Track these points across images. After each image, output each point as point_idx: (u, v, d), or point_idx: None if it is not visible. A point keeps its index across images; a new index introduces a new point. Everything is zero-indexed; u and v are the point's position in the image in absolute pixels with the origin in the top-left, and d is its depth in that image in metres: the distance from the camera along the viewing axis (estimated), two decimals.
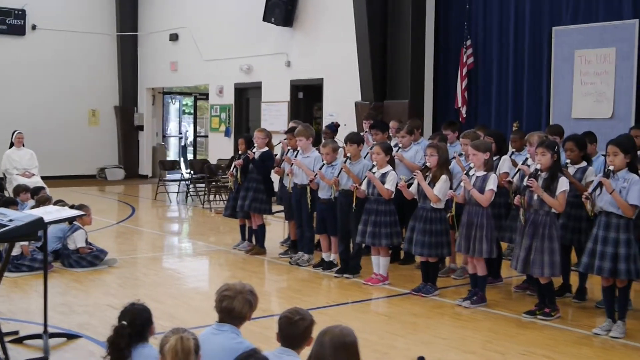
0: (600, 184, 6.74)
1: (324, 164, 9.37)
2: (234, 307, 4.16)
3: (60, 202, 10.05)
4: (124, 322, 4.14)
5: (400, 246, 9.38)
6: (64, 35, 21.75)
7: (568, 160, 7.87)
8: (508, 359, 6.16)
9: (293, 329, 3.96)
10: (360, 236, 8.77)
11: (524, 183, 7.36)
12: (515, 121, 12.67)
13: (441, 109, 14.98)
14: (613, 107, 12.04)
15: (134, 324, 4.15)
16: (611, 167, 6.74)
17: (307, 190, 9.66)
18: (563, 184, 7.15)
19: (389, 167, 8.72)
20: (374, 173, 8.65)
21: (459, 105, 14.42)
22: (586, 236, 7.34)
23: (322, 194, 9.45)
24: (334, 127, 11.51)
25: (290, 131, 10.51)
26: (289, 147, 10.50)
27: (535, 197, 7.19)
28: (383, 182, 8.60)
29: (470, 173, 7.90)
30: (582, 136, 8.27)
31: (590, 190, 6.84)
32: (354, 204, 8.84)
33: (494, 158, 8.34)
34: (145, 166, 23.15)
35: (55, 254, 9.85)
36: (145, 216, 15.67)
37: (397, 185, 8.52)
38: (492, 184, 7.72)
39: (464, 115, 14.36)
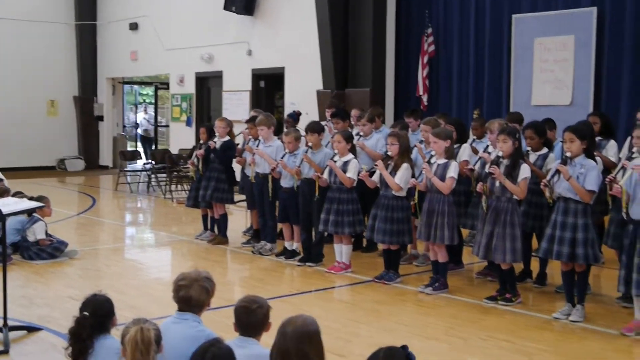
0: (557, 171, 6.82)
1: (285, 153, 9.37)
2: (191, 295, 4.16)
3: (19, 194, 9.91)
4: (86, 313, 4.12)
5: (363, 234, 9.42)
6: (22, 25, 21.40)
7: (529, 148, 7.94)
8: (470, 344, 6.21)
9: (251, 317, 3.99)
10: (323, 224, 8.79)
11: (486, 170, 7.43)
12: (476, 108, 12.84)
13: (403, 97, 15.01)
14: (572, 94, 12.16)
15: (96, 314, 4.13)
16: (568, 154, 6.81)
17: (269, 179, 9.66)
18: (524, 171, 7.22)
19: (350, 156, 8.74)
20: (335, 162, 8.68)
21: (421, 93, 14.48)
22: (547, 223, 7.42)
23: (284, 183, 9.45)
24: (295, 116, 11.50)
25: (251, 120, 10.48)
26: (251, 137, 10.47)
27: (497, 184, 7.26)
28: (345, 171, 8.63)
29: (432, 161, 7.95)
30: (542, 123, 8.35)
31: (548, 177, 6.92)
32: (316, 193, 8.87)
33: (455, 146, 8.36)
34: (106, 157, 22.91)
35: (14, 247, 9.71)
36: (106, 207, 15.56)
37: (359, 173, 8.54)
38: (452, 172, 7.76)
39: (425, 103, 14.42)
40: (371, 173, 8.50)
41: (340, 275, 8.80)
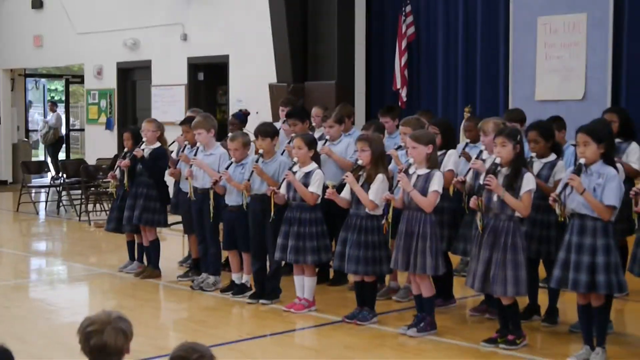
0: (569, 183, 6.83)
1: (231, 163, 9.35)
2: (105, 342, 4.07)
3: None
4: None
5: (330, 263, 9.41)
6: None
7: (533, 154, 7.98)
8: None
9: None
10: (280, 252, 8.78)
11: (480, 182, 7.43)
12: (467, 105, 12.92)
13: (376, 92, 15.13)
14: (585, 86, 12.27)
15: None
16: (582, 160, 6.84)
17: (210, 196, 9.62)
18: (529, 182, 7.24)
19: (313, 165, 8.74)
20: (294, 173, 8.66)
21: (398, 86, 14.58)
22: (556, 246, 7.46)
23: (230, 200, 9.43)
24: (242, 116, 11.53)
25: (187, 122, 10.47)
26: (187, 143, 10.45)
27: (495, 198, 7.27)
28: (306, 184, 8.61)
29: (410, 171, 7.95)
30: (549, 122, 8.43)
31: (558, 190, 6.93)
32: (272, 213, 8.83)
33: (439, 153, 8.39)
34: (4, 169, 22.71)
35: None
36: (5, 233, 15.46)
37: (324, 189, 8.54)
38: (436, 184, 7.76)
39: (405, 99, 14.51)
40: (340, 187, 8.47)
41: (302, 315, 8.79)
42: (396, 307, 9.11)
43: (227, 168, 9.33)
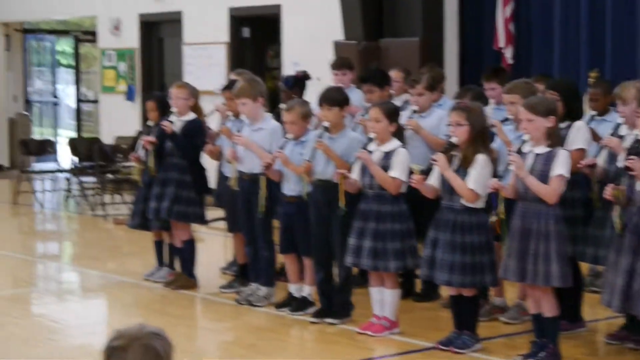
0: None
1: (287, 140, 9.31)
2: None
3: None
4: None
5: (416, 272, 9.33)
6: None
7: None
8: None
9: None
10: (352, 256, 8.73)
11: (619, 164, 7.52)
12: (593, 69, 12.65)
13: (472, 51, 15.11)
14: None
15: None
16: None
17: (260, 182, 9.61)
18: None
19: (395, 143, 8.68)
20: (370, 152, 8.60)
21: (501, 44, 14.48)
22: None
23: (288, 189, 9.44)
24: (291, 81, 11.46)
25: (229, 87, 10.49)
26: (230, 114, 10.47)
27: (639, 186, 7.23)
28: (386, 168, 8.55)
29: (524, 150, 7.89)
30: None
31: None
32: (340, 204, 8.75)
33: (562, 125, 8.31)
34: None
35: None
36: (0, 230, 15.59)
37: (410, 175, 8.48)
38: (561, 167, 7.67)
39: (510, 61, 14.40)
40: (428, 172, 8.46)
41: (382, 339, 8.74)
42: (505, 331, 9.02)
43: (282, 147, 9.28)
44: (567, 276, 7.73)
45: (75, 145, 18.11)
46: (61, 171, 18.25)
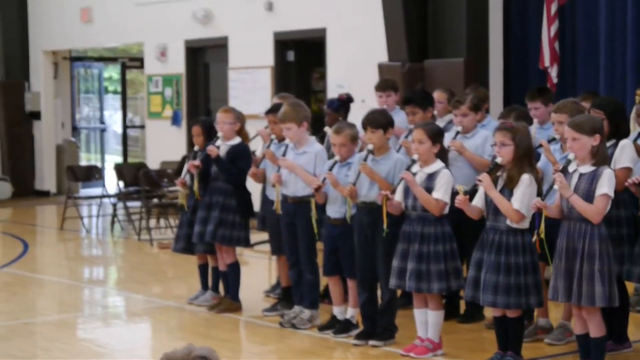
0: None
1: (335, 162, 9.34)
2: None
3: None
4: None
5: (460, 293, 9.30)
6: None
7: None
8: None
9: None
10: (396, 278, 8.74)
11: None
12: (639, 87, 12.62)
13: (517, 71, 15.07)
14: None
15: None
16: None
17: (305, 206, 9.64)
18: None
19: (439, 164, 8.69)
20: (414, 174, 8.59)
21: (547, 63, 14.44)
22: None
23: (333, 212, 9.47)
24: (337, 103, 11.45)
25: (273, 110, 10.52)
26: (273, 137, 10.49)
27: None
28: (430, 190, 8.57)
29: (570, 169, 7.85)
30: None
31: None
32: (384, 226, 8.75)
33: (608, 144, 8.29)
34: (46, 177, 23.15)
35: None
36: (47, 256, 15.73)
37: (454, 195, 8.47)
38: (606, 186, 7.66)
39: (555, 80, 14.37)
40: (473, 193, 8.41)
41: None
42: (549, 352, 8.97)
43: (330, 169, 9.31)
44: (613, 296, 7.69)
45: (121, 170, 18.13)
46: (107, 196, 18.31)
